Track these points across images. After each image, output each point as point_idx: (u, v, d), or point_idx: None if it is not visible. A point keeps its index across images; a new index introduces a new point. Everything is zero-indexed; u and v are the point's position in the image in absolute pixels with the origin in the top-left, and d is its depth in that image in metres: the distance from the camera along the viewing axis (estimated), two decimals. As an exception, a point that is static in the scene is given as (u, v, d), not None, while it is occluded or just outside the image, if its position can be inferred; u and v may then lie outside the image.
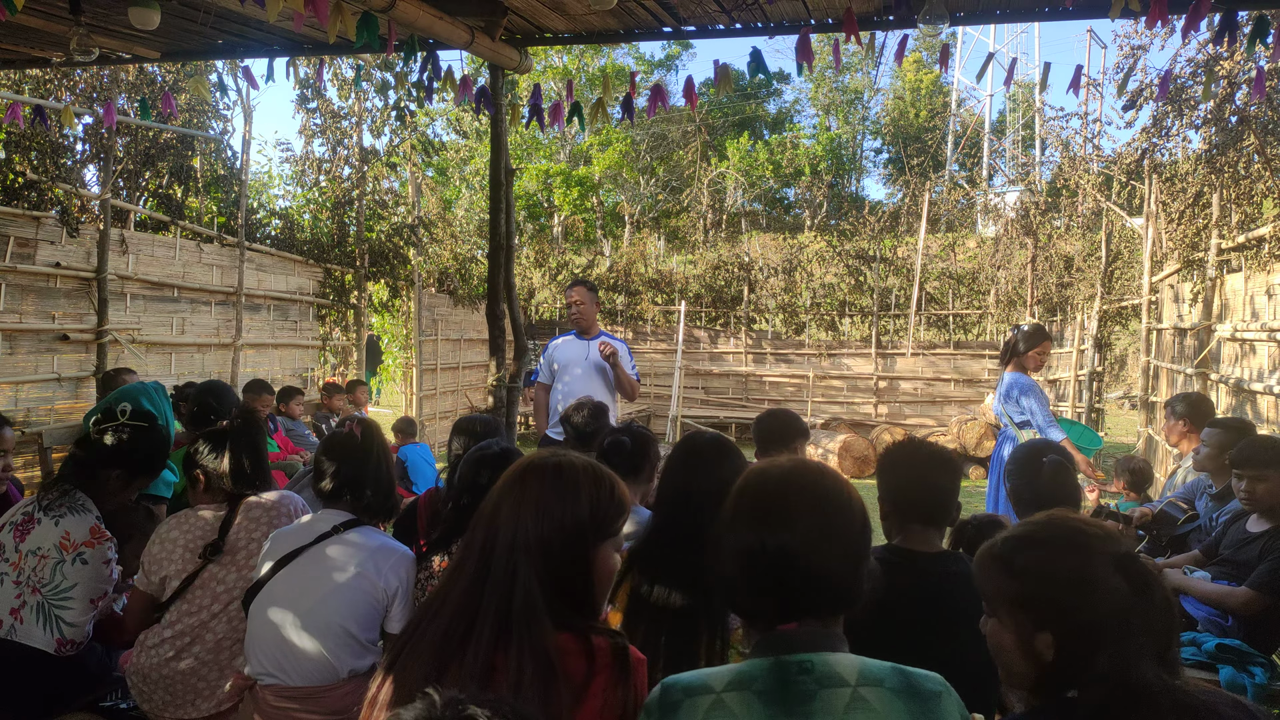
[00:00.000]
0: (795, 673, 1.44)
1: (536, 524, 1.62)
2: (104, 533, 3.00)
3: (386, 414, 15.03)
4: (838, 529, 1.51)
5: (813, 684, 1.43)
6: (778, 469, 1.61)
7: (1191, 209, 8.50)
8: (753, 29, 4.97)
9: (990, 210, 17.57)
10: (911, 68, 36.33)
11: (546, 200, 27.10)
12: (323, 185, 11.89)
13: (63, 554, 2.90)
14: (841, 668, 1.44)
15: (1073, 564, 1.51)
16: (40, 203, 7.77)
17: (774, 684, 1.44)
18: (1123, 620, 1.46)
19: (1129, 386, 18.24)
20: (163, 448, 3.29)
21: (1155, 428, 8.77)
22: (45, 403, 7.51)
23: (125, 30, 5.03)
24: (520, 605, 1.57)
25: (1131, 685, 1.44)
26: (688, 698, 1.47)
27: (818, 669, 1.44)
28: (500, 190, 5.62)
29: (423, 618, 1.66)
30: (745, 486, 1.60)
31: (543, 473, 1.69)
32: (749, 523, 1.53)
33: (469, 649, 1.56)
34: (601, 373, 5.56)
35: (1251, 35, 4.00)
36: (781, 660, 1.46)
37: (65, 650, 2.87)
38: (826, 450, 11.66)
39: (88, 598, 2.92)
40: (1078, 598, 1.48)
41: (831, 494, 1.54)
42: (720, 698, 1.45)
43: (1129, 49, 8.43)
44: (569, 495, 1.65)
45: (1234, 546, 3.66)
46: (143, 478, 3.26)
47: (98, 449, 3.11)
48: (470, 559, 1.66)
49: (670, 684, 1.51)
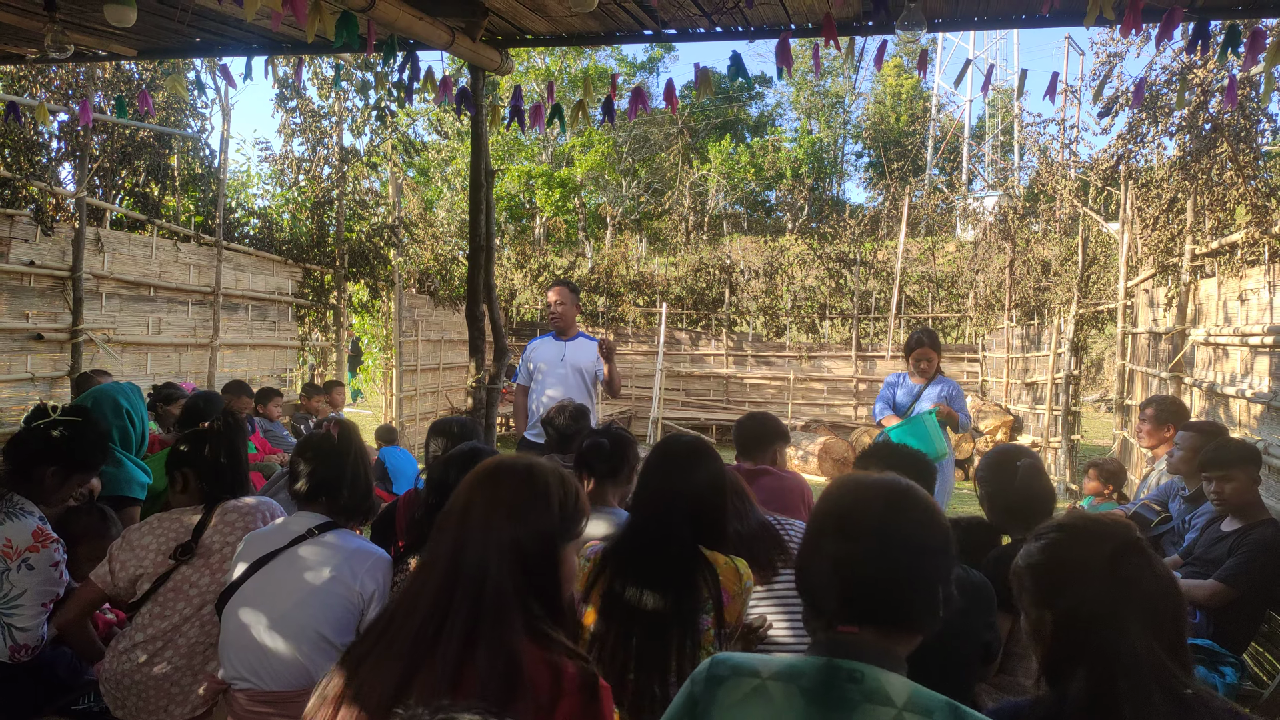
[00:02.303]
0: (844, 679, 1.43)
1: (511, 525, 1.64)
2: (48, 534, 2.89)
3: (367, 415, 14.95)
4: (908, 542, 1.49)
5: (858, 694, 1.41)
6: (868, 478, 1.62)
7: (1166, 215, 8.60)
8: (733, 32, 4.99)
9: (969, 215, 17.70)
10: (892, 73, 36.57)
11: (528, 201, 27.06)
12: (302, 185, 11.82)
13: (6, 562, 2.78)
14: (892, 688, 1.42)
15: (1078, 549, 1.61)
16: (14, 200, 7.67)
17: (820, 684, 1.43)
18: (1118, 609, 1.53)
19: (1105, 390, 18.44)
20: (99, 442, 3.19)
21: (1130, 430, 8.87)
22: (19, 403, 7.41)
23: (101, 27, 4.98)
24: (491, 604, 1.59)
25: (1124, 675, 1.49)
26: (734, 675, 1.49)
27: (867, 681, 1.42)
28: (481, 191, 5.61)
29: (391, 617, 1.67)
30: (832, 489, 1.62)
31: (515, 475, 1.71)
32: (825, 519, 1.56)
33: (439, 649, 1.56)
34: (579, 374, 5.54)
35: (1223, 45, 4.06)
36: (833, 663, 1.45)
37: (21, 656, 2.79)
38: (807, 452, 11.70)
39: (38, 602, 2.82)
40: (1074, 580, 1.58)
41: (911, 509, 1.53)
42: (765, 684, 1.46)
43: (1105, 56, 8.54)
44: (540, 498, 1.68)
45: (1206, 546, 3.72)
46: (79, 474, 3.15)
47: (28, 448, 3.01)
48: (440, 559, 1.66)
49: (721, 659, 1.53)
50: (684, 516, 2.43)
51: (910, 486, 1.57)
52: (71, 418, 3.08)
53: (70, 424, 3.06)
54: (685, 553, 2.40)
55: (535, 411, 5.55)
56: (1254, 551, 3.45)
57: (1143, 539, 1.63)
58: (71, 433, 3.05)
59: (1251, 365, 5.94)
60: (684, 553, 2.40)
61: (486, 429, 5.56)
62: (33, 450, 3.01)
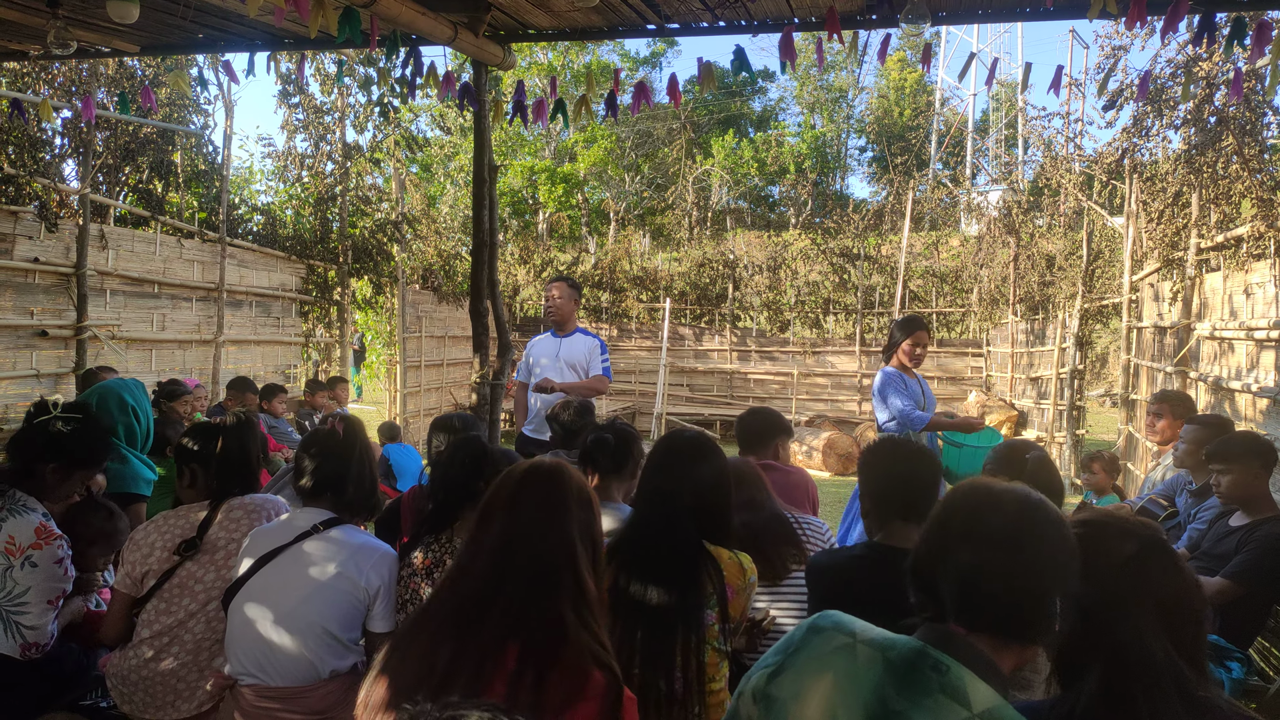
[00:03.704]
0: (929, 666, 1.43)
1: (571, 515, 1.83)
2: (51, 531, 2.87)
3: (370, 410, 14.96)
4: (1038, 559, 1.47)
5: (936, 684, 1.40)
6: (1002, 485, 1.59)
7: (1171, 208, 8.57)
8: (736, 27, 4.97)
9: (973, 209, 17.67)
10: (895, 67, 36.47)
11: (531, 197, 27.05)
12: (305, 181, 11.81)
13: (9, 559, 2.77)
14: (974, 692, 1.39)
15: (1101, 544, 1.61)
16: (18, 197, 7.68)
17: (905, 662, 1.45)
18: (1137, 609, 1.53)
19: (1110, 384, 18.40)
20: (102, 438, 3.19)
21: (1136, 425, 8.85)
22: (24, 399, 7.42)
23: (104, 24, 4.97)
24: (544, 584, 1.74)
25: (1136, 661, 1.50)
26: (833, 629, 1.55)
27: (951, 676, 1.41)
28: (484, 187, 5.60)
29: (431, 600, 1.82)
30: (964, 492, 1.59)
31: (572, 481, 1.90)
32: (953, 520, 1.54)
33: (484, 626, 1.68)
34: (573, 371, 5.56)
35: (1229, 37, 4.03)
36: (926, 649, 1.46)
37: (31, 654, 2.79)
38: (811, 447, 11.69)
39: (43, 599, 2.82)
40: (1095, 576, 1.57)
41: (1045, 524, 1.50)
42: (856, 644, 1.50)
43: (1110, 49, 8.49)
44: (588, 505, 1.89)
45: (1213, 540, 3.71)
46: (82, 470, 3.13)
47: (30, 444, 3.00)
48: (487, 546, 1.79)
49: (829, 614, 1.60)
50: (687, 512, 2.43)
51: (1044, 501, 1.53)
52: (73, 414, 3.07)
53: (72, 420, 3.05)
54: (689, 548, 2.40)
55: (534, 406, 5.59)
56: (1261, 548, 3.43)
57: (1167, 540, 1.62)
58: (73, 429, 3.03)
59: (1257, 359, 5.92)
60: (688, 548, 2.40)
61: (491, 425, 5.55)
62: (35, 447, 2.99)
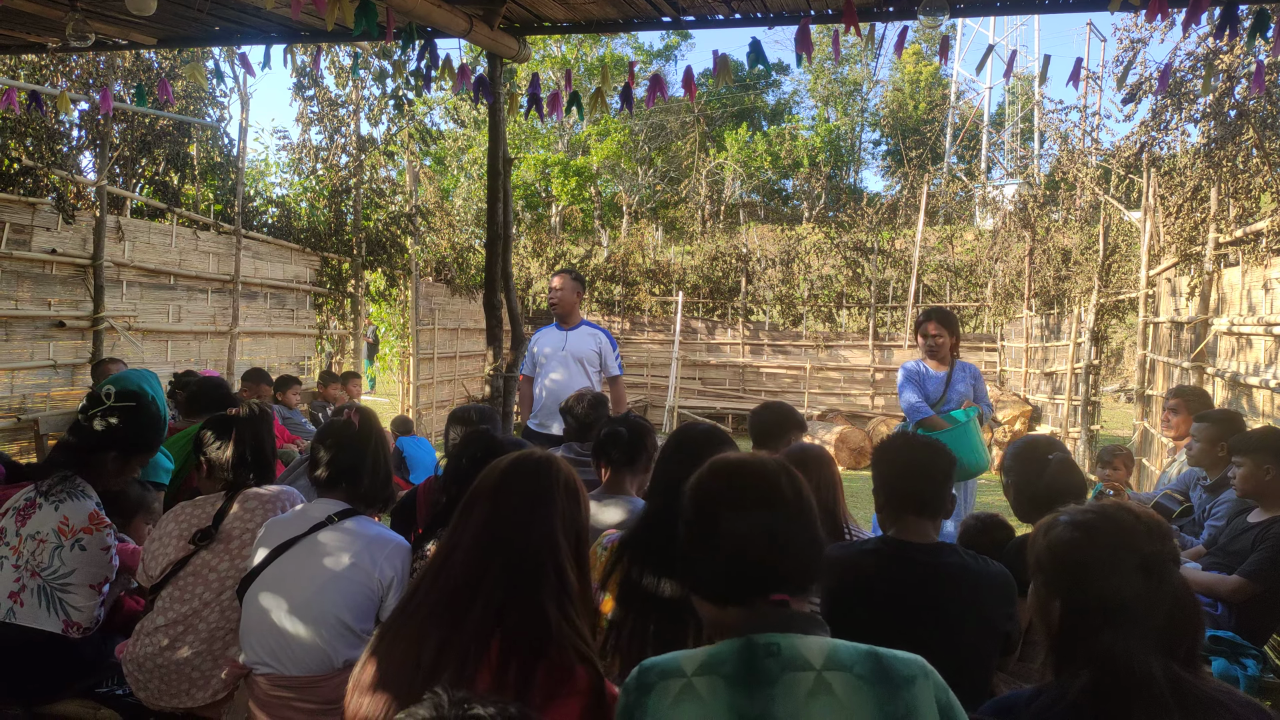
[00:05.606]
0: (762, 655, 1.43)
1: (557, 506, 1.82)
2: (103, 519, 2.99)
3: (383, 403, 15.02)
4: (805, 507, 1.58)
5: (777, 667, 1.42)
6: (737, 457, 1.69)
7: (1189, 203, 8.49)
8: (752, 19, 4.95)
9: (988, 203, 17.56)
10: (911, 60, 36.23)
11: (544, 190, 27.06)
12: (320, 173, 11.85)
13: (61, 539, 2.91)
14: (809, 651, 1.43)
15: (1097, 543, 1.58)
16: (36, 189, 7.74)
17: (740, 666, 1.44)
18: (1129, 607, 1.50)
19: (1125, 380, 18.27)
20: (155, 423, 3.28)
21: (1151, 421, 8.79)
22: (41, 389, 7.50)
23: (121, 16, 5.00)
24: (529, 575, 1.72)
25: (1128, 671, 1.47)
26: (661, 680, 1.48)
27: (784, 651, 1.43)
28: (498, 180, 5.61)
29: (413, 592, 1.80)
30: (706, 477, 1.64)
31: (560, 474, 1.89)
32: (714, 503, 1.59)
33: (471, 617, 1.66)
34: (579, 363, 5.56)
35: (1252, 29, 3.99)
36: (751, 641, 1.46)
37: (73, 632, 2.89)
38: (823, 441, 11.67)
39: (88, 583, 2.93)
40: (1088, 573, 1.55)
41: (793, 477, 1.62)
42: (690, 682, 1.46)
43: (1129, 42, 8.41)
44: (575, 498, 1.88)
45: (1230, 537, 3.69)
46: (140, 455, 3.26)
47: (89, 435, 3.10)
48: (469, 536, 1.78)
49: (647, 666, 1.52)
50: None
51: (781, 462, 1.65)
52: (126, 403, 3.16)
53: (126, 410, 3.15)
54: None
55: (540, 397, 5.59)
56: (1277, 545, 3.41)
57: (1177, 552, 1.60)
58: (129, 418, 3.14)
59: (1276, 355, 5.87)
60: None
61: (504, 417, 5.57)
62: (96, 438, 3.10)
